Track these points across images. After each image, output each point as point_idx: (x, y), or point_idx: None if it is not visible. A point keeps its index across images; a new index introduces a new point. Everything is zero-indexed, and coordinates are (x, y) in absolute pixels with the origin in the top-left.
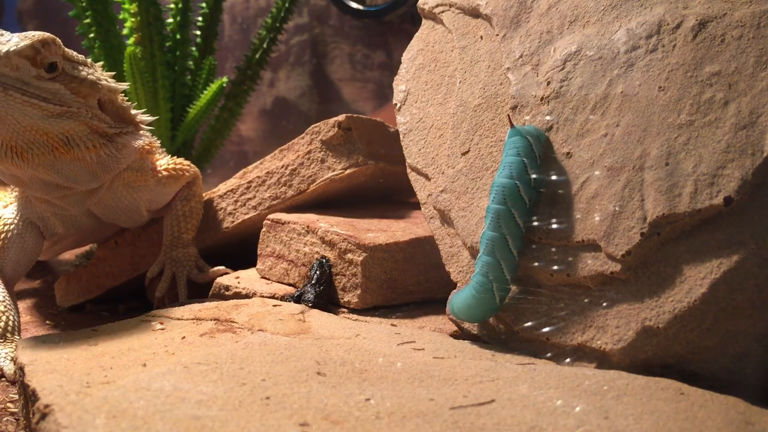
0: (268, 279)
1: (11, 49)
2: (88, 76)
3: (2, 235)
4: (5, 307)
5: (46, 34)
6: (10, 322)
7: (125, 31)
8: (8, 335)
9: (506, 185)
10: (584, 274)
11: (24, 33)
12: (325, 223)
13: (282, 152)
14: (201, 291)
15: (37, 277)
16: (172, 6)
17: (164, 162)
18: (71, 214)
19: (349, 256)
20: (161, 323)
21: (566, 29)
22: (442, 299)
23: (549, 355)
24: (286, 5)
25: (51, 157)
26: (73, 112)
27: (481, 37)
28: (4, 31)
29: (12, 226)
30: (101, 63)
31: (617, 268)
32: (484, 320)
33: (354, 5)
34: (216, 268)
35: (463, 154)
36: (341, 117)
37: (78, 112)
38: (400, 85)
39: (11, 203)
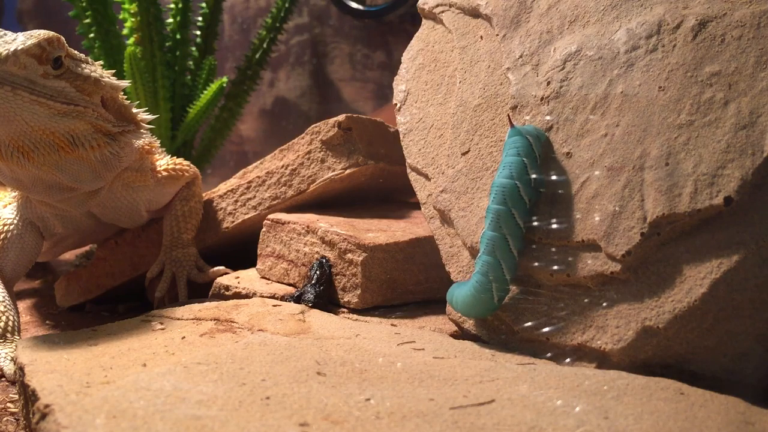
0: (268, 279)
1: (19, 48)
2: (92, 74)
3: (2, 236)
4: (5, 307)
5: (52, 33)
6: (10, 322)
7: (125, 31)
8: (8, 335)
9: (506, 185)
10: (584, 274)
11: (29, 32)
12: (325, 223)
13: (282, 152)
14: (201, 291)
15: (37, 277)
16: (172, 6)
17: (164, 162)
18: (71, 214)
19: (349, 256)
20: (161, 323)
21: (566, 29)
22: (442, 299)
23: (549, 355)
24: (286, 5)
25: (56, 156)
26: (79, 110)
27: (481, 37)
28: (7, 31)
29: (12, 227)
30: (100, 62)
31: (617, 268)
32: (483, 318)
33: (354, 5)
34: (216, 268)
35: (463, 154)
36: (341, 117)
37: (84, 111)
38: (400, 85)
39: (10, 203)
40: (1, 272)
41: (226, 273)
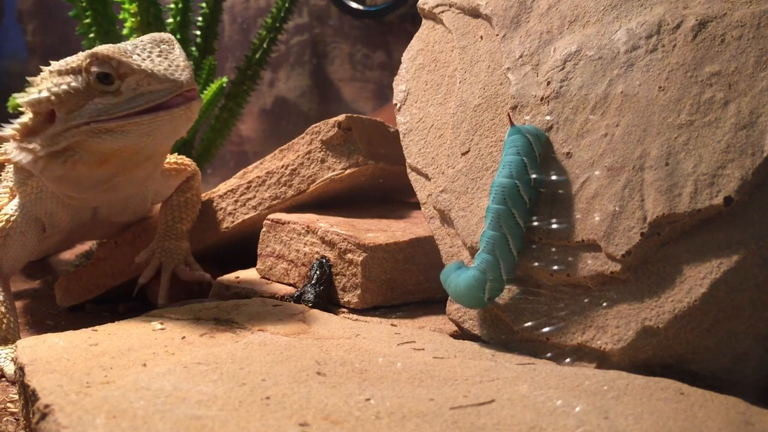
0: (268, 279)
1: (190, 64)
2: None
3: (4, 232)
4: (5, 308)
5: None
6: (11, 324)
7: (125, 31)
8: (8, 336)
9: (506, 185)
10: (584, 274)
11: (168, 39)
12: (325, 223)
13: (282, 152)
14: (201, 291)
15: (37, 277)
16: (172, 6)
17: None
18: (83, 208)
19: (349, 256)
20: (161, 323)
21: (566, 29)
22: (442, 299)
23: (549, 355)
24: (286, 5)
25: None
26: None
27: (481, 37)
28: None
29: (15, 224)
30: None
31: (617, 268)
32: (474, 311)
33: (354, 5)
34: (202, 273)
35: (463, 154)
36: (341, 117)
37: None
38: (400, 85)
39: (10, 199)
40: (0, 269)
41: (210, 282)
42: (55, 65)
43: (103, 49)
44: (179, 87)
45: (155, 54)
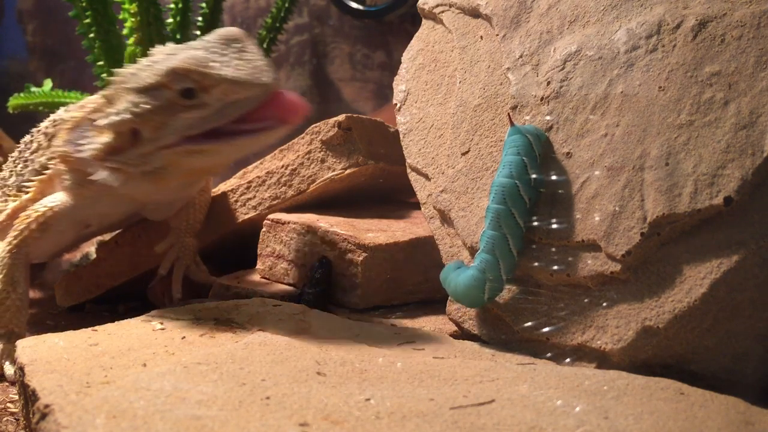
0: (268, 279)
1: (268, 61)
2: None
3: (44, 225)
4: (20, 302)
5: None
6: (21, 320)
7: (125, 31)
8: (12, 336)
9: (506, 185)
10: (584, 274)
11: (240, 36)
12: (325, 223)
13: (282, 152)
14: (201, 291)
15: (37, 277)
16: (172, 6)
17: None
18: (134, 205)
19: (350, 256)
20: (161, 323)
21: (566, 29)
22: (442, 299)
23: (549, 355)
24: (286, 5)
25: None
26: None
27: (481, 37)
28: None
29: (57, 221)
30: (101, 63)
31: (617, 268)
32: (474, 310)
33: (354, 5)
34: (211, 276)
35: (463, 154)
36: (341, 117)
37: None
38: (400, 85)
39: (37, 192)
40: (27, 257)
41: (214, 282)
42: (131, 81)
43: (181, 63)
44: (267, 91)
45: (232, 56)
